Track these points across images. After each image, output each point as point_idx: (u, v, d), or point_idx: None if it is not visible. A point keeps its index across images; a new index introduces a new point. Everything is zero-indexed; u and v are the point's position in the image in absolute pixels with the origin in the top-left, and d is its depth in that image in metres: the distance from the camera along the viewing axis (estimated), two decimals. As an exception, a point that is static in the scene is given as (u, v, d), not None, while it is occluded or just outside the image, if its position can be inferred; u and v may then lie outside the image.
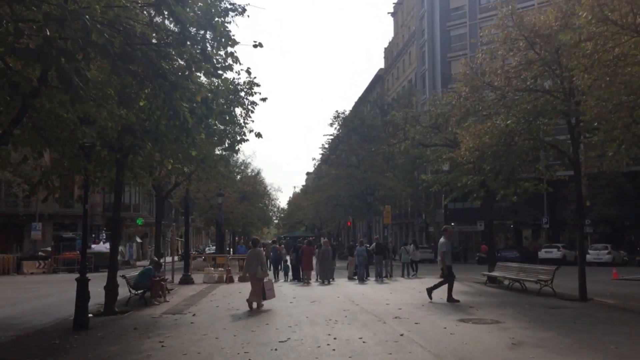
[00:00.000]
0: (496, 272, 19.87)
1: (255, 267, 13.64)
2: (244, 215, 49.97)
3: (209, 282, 23.91)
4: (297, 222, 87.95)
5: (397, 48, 77.12)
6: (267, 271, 14.10)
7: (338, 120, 49.51)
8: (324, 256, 23.04)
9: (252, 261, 13.83)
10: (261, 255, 13.93)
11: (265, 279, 13.88)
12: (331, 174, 48.77)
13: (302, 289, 19.45)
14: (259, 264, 13.65)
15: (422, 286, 19.46)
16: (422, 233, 61.68)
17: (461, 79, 15.86)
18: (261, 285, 13.62)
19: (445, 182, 22.13)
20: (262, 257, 13.96)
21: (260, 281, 13.62)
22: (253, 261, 13.81)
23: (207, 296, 17.40)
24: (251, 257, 14.01)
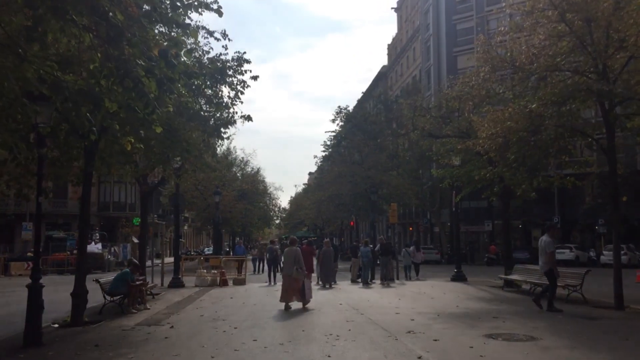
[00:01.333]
0: (514, 275, 18.06)
1: (291, 266, 13.35)
2: (243, 215, 48.24)
3: (202, 285, 22.15)
4: (299, 222, 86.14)
5: (400, 44, 75.31)
6: (304, 271, 13.76)
7: (340, 116, 47.71)
8: (325, 258, 21.24)
9: (289, 260, 13.55)
10: (298, 255, 13.62)
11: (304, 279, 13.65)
12: (333, 172, 46.96)
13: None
14: (296, 264, 13.37)
15: (433, 291, 17.67)
16: (427, 233, 59.87)
17: (480, 56, 14.05)
18: (300, 285, 13.37)
19: (457, 177, 20.30)
20: (299, 257, 13.66)
21: (298, 281, 13.34)
22: (289, 260, 13.52)
23: (194, 302, 15.62)
24: (287, 256, 13.72)
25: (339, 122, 48.06)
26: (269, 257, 23.70)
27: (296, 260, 13.44)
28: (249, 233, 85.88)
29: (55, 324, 11.72)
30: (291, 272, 13.32)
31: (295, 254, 13.58)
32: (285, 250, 14.32)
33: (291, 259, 13.53)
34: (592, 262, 40.33)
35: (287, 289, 13.40)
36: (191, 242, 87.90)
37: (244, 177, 49.19)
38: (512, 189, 18.83)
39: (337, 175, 45.18)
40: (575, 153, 16.17)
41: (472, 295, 16.42)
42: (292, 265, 13.38)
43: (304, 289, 13.44)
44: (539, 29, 12.28)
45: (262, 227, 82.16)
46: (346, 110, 48.46)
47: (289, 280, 13.38)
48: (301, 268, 13.48)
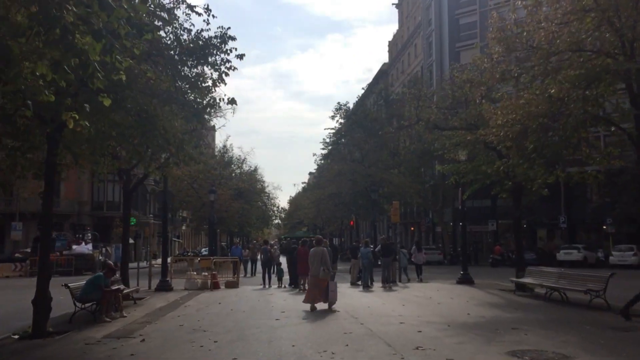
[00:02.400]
0: (527, 277, 16.65)
1: (318, 267, 13.10)
2: (240, 215, 46.83)
3: (191, 288, 20.75)
4: (298, 222, 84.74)
5: (401, 41, 73.91)
6: (330, 272, 13.49)
7: (340, 113, 46.30)
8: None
9: (315, 261, 13.28)
10: (325, 255, 13.33)
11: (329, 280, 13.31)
12: (333, 170, 45.54)
13: (295, 299, 16.24)
14: (322, 264, 13.11)
15: (439, 295, 16.25)
16: (429, 233, 58.43)
17: (493, 36, 12.63)
18: (325, 286, 13.07)
19: (464, 173, 18.92)
20: (326, 257, 13.36)
21: (324, 281, 13.08)
22: (315, 261, 13.26)
23: (177, 308, 14.22)
24: (313, 256, 13.44)
25: (338, 119, 46.66)
26: (262, 258, 22.30)
27: (323, 260, 13.16)
28: (248, 233, 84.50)
29: (16, 335, 10.34)
30: (318, 272, 13.07)
31: (321, 254, 13.28)
32: (311, 250, 13.98)
33: (318, 259, 13.22)
34: (600, 262, 38.89)
35: (312, 290, 13.16)
36: (189, 242, 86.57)
37: (241, 176, 47.75)
38: (523, 184, 17.50)
39: (336, 173, 43.78)
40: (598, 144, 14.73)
41: (482, 300, 15.01)
42: (319, 265, 13.11)
43: (327, 290, 13.14)
44: (561, 2, 10.86)
45: (261, 227, 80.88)
46: (346, 107, 47.03)
47: (315, 281, 13.13)
48: (328, 269, 13.23)
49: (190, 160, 12.14)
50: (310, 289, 13.35)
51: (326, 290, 13.11)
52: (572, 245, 40.42)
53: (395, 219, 24.22)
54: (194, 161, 12.11)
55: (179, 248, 76.87)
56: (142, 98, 9.57)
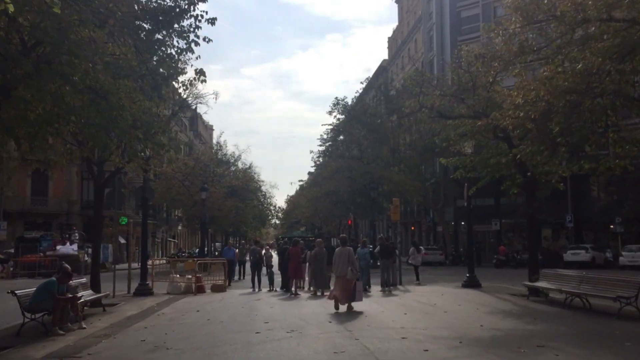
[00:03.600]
0: (542, 281, 14.97)
1: (345, 266, 12.82)
2: (235, 214, 45.08)
3: (174, 292, 19.09)
4: (296, 222, 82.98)
5: (401, 36, 72.26)
6: (357, 272, 13.28)
7: (338, 108, 44.53)
8: (317, 260, 18.14)
9: (341, 261, 13.01)
10: (351, 255, 13.13)
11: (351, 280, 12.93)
12: (330, 167, 43.77)
13: (283, 306, 14.56)
14: (349, 264, 12.84)
15: (445, 301, 14.54)
16: (429, 233, 56.71)
17: (510, 2, 10.88)
18: (351, 286, 12.81)
19: (471, 167, 17.24)
20: (353, 257, 13.17)
21: (351, 282, 12.81)
22: (342, 261, 12.99)
23: (149, 317, 12.54)
24: (339, 256, 13.15)
25: (336, 115, 44.90)
26: (252, 260, 20.60)
27: (350, 260, 12.91)
28: (244, 233, 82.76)
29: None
30: (345, 272, 12.76)
31: (348, 254, 13.05)
32: (337, 250, 13.64)
33: (344, 259, 12.97)
34: (609, 263, 37.22)
35: (339, 291, 12.85)
36: (185, 242, 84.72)
37: (235, 173, 46.00)
38: (537, 178, 15.84)
39: (334, 170, 42.02)
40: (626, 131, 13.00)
41: (494, 307, 13.32)
42: (346, 265, 12.84)
43: (353, 290, 12.89)
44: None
45: (258, 227, 79.10)
46: (344, 102, 45.27)
47: (342, 281, 12.84)
48: (355, 269, 13.01)
49: (160, 149, 10.43)
50: (336, 289, 13.00)
51: (353, 290, 12.85)
52: (579, 245, 38.72)
53: (395, 218, 22.53)
54: (164, 149, 10.37)
55: (175, 248, 75.16)
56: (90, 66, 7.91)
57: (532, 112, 9.91)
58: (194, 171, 40.69)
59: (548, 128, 10.23)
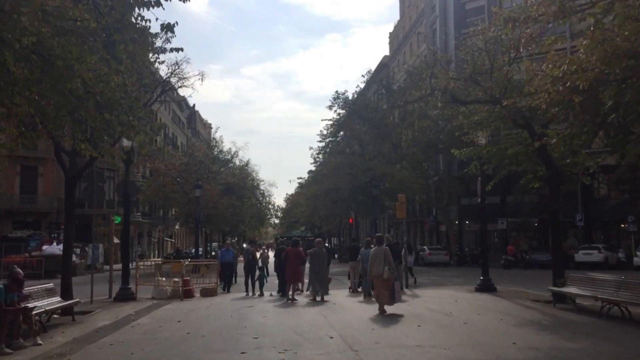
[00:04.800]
0: (572, 287, 13.25)
1: (382, 266, 12.52)
2: (232, 212, 43.29)
3: (159, 297, 17.39)
4: (295, 221, 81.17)
5: (403, 31, 70.55)
6: (394, 271, 12.85)
7: (338, 102, 42.81)
8: (316, 261, 16.46)
9: (378, 260, 12.68)
10: (388, 254, 12.75)
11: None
12: (330, 164, 42.01)
13: (278, 314, 12.83)
14: (386, 264, 12.50)
15: (460, 308, 12.79)
16: (432, 233, 54.97)
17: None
18: (390, 285, 12.53)
19: (487, 158, 15.55)
20: (389, 256, 12.78)
21: (389, 281, 12.51)
22: (378, 260, 12.66)
23: (121, 329, 10.81)
24: (375, 256, 12.82)
25: (336, 109, 43.16)
26: (245, 261, 18.87)
27: (387, 259, 12.54)
28: (243, 233, 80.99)
29: None
30: (381, 272, 12.43)
31: (384, 253, 12.67)
32: (373, 250, 13.21)
33: (380, 259, 12.60)
34: (621, 264, 35.48)
35: (379, 292, 12.60)
36: (183, 242, 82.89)
37: (232, 169, 44.16)
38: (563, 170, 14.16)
39: (334, 167, 40.26)
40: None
41: (520, 317, 11.59)
42: (383, 265, 12.47)
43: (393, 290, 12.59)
44: None
45: (257, 226, 77.33)
46: (344, 96, 43.52)
47: (380, 282, 12.51)
48: (392, 268, 12.64)
49: (130, 130, 8.69)
50: (377, 291, 12.75)
51: (392, 291, 12.54)
52: (591, 245, 36.96)
53: (401, 215, 20.78)
54: (133, 131, 8.63)
55: (172, 248, 73.38)
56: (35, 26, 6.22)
57: (580, 81, 8.14)
58: (188, 168, 38.95)
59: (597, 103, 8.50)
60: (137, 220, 56.02)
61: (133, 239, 59.21)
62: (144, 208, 58.38)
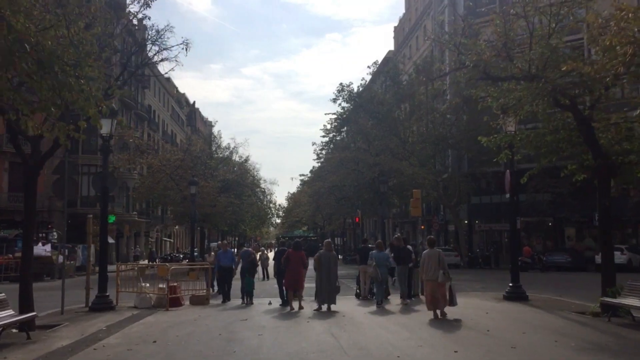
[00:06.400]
0: (628, 297, 11.02)
1: (436, 270, 12.08)
2: (231, 211, 41.09)
3: (142, 306, 15.18)
4: (297, 221, 78.91)
5: (409, 24, 68.31)
6: (449, 275, 12.30)
7: (343, 95, 40.55)
8: (324, 266, 14.24)
9: (431, 264, 12.25)
10: (442, 257, 12.40)
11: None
12: (334, 159, 39.77)
13: (276, 331, 10.59)
14: (441, 267, 12.10)
15: (498, 325, 10.46)
16: (440, 233, 52.62)
17: None
18: (445, 290, 12.12)
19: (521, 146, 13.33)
20: (444, 259, 12.44)
21: (443, 286, 12.09)
22: (432, 263, 12.24)
23: (77, 354, 8.59)
24: (428, 259, 12.39)
25: (341, 103, 40.90)
26: (242, 265, 16.59)
27: (441, 263, 12.16)
28: (243, 233, 78.83)
29: None
30: (436, 276, 11.99)
31: (438, 256, 12.32)
32: (425, 252, 12.67)
33: (434, 262, 12.20)
34: (646, 265, 33.21)
35: (432, 296, 12.12)
36: (183, 242, 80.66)
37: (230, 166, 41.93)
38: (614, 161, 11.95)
39: (338, 162, 38.01)
40: None
41: (577, 337, 9.33)
42: (437, 268, 12.07)
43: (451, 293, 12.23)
44: None
45: (257, 225, 75.15)
46: (349, 89, 41.23)
47: (434, 286, 12.06)
48: (447, 271, 12.22)
49: (77, 97, 6.49)
50: (430, 295, 12.23)
51: (451, 293, 12.18)
52: (615, 247, 34.52)
53: (415, 212, 18.62)
54: (82, 97, 6.44)
55: (171, 248, 71.18)
56: None
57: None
58: (184, 164, 36.76)
59: None
60: (133, 220, 53.85)
61: (129, 239, 57.09)
62: (141, 206, 56.20)
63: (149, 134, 58.44)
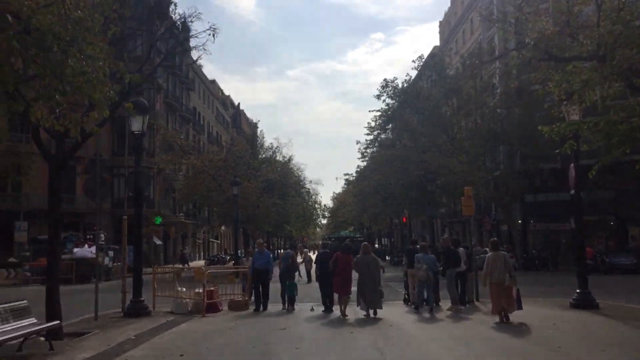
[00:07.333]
0: None
1: (503, 273, 11.63)
2: (275, 212, 40.42)
3: (179, 312, 14.49)
4: (343, 221, 77.81)
5: (455, 17, 66.26)
6: (515, 278, 11.89)
7: (387, 91, 39.18)
8: (364, 270, 13.17)
9: (498, 267, 11.75)
10: (507, 259, 11.94)
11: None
12: (380, 157, 38.47)
13: (317, 342, 9.56)
14: (507, 270, 11.66)
15: (570, 341, 9.06)
16: (492, 233, 50.40)
17: None
18: (511, 293, 11.68)
19: (589, 134, 11.86)
20: (509, 261, 12.01)
21: (510, 289, 11.64)
22: (498, 266, 11.74)
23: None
24: (494, 261, 11.86)
25: (385, 99, 39.53)
26: (282, 268, 15.65)
27: (507, 266, 11.82)
28: (289, 234, 78.30)
29: None
30: (503, 279, 11.64)
31: (504, 259, 11.94)
32: (490, 255, 12.25)
33: (501, 265, 11.79)
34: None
35: (497, 299, 11.77)
36: (229, 243, 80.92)
37: (271, 164, 41.21)
38: None
39: (384, 161, 36.71)
40: None
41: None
42: (504, 271, 11.70)
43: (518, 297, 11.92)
44: None
45: (303, 226, 74.39)
46: (394, 84, 39.82)
47: (499, 289, 11.70)
48: (512, 274, 11.90)
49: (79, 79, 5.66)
50: (495, 298, 11.86)
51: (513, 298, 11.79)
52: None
53: (468, 212, 17.15)
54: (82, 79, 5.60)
55: (218, 250, 71.41)
56: None
57: None
58: (227, 164, 36.30)
59: None
60: (180, 221, 54.07)
61: (176, 241, 57.41)
62: (187, 208, 56.43)
63: (194, 135, 58.70)
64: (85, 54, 5.51)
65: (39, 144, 10.41)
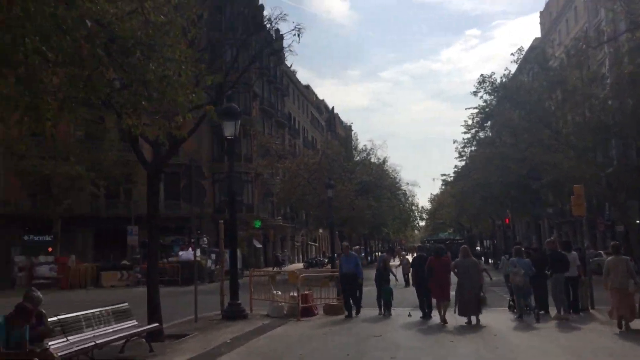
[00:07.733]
0: None
1: (625, 277, 10.99)
2: (371, 214, 40.08)
3: (275, 315, 14.53)
4: (441, 223, 75.75)
5: (557, 7, 62.53)
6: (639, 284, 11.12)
7: (485, 87, 37.43)
8: (463, 274, 12.45)
9: (618, 271, 11.09)
10: (629, 264, 11.25)
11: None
12: (478, 156, 36.87)
13: (414, 352, 9.07)
14: (630, 276, 11.02)
15: None
16: (607, 234, 46.64)
17: None
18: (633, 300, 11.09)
19: None
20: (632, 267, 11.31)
21: (631, 295, 11.03)
22: (619, 271, 11.08)
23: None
24: (615, 266, 11.19)
25: (482, 95, 37.80)
26: (376, 272, 15.24)
27: (629, 270, 11.18)
28: (386, 236, 77.48)
29: None
30: (626, 284, 11.00)
31: (627, 263, 11.34)
32: (610, 259, 11.56)
33: (623, 269, 11.15)
34: None
35: (617, 305, 11.12)
36: (327, 246, 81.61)
37: (365, 166, 40.87)
38: None
39: (483, 159, 35.12)
40: None
41: None
42: (626, 276, 11.07)
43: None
44: None
45: (401, 228, 73.27)
46: (491, 80, 37.97)
47: (622, 295, 11.04)
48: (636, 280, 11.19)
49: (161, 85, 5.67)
50: (615, 304, 11.22)
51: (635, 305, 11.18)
52: None
53: (579, 212, 15.73)
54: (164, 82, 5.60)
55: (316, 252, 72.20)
56: None
57: None
58: (321, 167, 36.48)
59: None
60: (278, 224, 55.21)
61: (275, 244, 58.72)
62: (285, 211, 57.56)
63: (289, 140, 59.84)
64: (166, 57, 5.51)
65: (136, 152, 10.81)
